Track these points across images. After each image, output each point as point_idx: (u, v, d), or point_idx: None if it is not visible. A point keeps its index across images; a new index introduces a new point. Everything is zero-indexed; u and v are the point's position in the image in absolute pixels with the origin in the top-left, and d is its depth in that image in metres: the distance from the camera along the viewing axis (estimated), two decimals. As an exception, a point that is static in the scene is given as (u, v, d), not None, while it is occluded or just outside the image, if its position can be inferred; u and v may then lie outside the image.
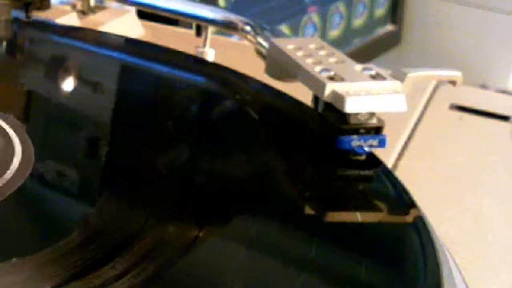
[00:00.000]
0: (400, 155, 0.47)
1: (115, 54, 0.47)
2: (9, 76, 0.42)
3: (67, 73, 0.44)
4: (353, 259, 0.30)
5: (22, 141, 0.34)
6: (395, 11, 1.45)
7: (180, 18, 0.50)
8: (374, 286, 0.29)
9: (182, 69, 0.45)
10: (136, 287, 0.26)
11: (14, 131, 0.34)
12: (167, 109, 0.41)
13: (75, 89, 0.42)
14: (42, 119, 0.39)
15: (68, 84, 0.42)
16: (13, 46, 0.47)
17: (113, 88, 0.43)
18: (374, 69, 0.37)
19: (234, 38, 0.59)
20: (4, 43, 0.47)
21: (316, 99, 0.37)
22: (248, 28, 0.46)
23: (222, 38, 0.59)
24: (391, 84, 0.36)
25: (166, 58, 0.45)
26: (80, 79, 0.43)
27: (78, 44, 0.47)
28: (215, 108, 0.41)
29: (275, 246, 0.30)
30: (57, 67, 0.44)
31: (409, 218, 0.33)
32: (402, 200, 0.33)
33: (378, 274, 0.29)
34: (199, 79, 0.46)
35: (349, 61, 0.38)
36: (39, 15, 0.51)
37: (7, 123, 0.35)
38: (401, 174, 0.36)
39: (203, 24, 0.49)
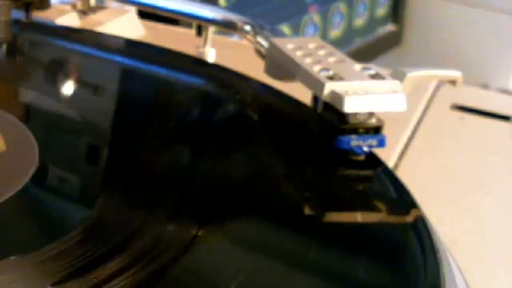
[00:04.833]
0: (401, 155, 0.47)
1: (115, 56, 0.47)
2: (10, 76, 0.42)
3: (67, 74, 0.44)
4: (353, 259, 0.30)
5: (24, 141, 0.34)
6: (396, 11, 1.45)
7: (181, 18, 0.50)
8: (375, 286, 0.29)
9: (182, 70, 0.45)
10: (135, 286, 0.26)
11: (15, 131, 0.34)
12: (167, 109, 0.41)
13: (75, 90, 0.42)
14: (42, 120, 0.39)
15: (69, 85, 0.42)
16: (12, 47, 0.47)
17: (113, 90, 0.43)
18: (373, 68, 0.37)
19: (234, 38, 0.58)
20: (4, 44, 0.47)
21: (315, 99, 0.37)
22: (248, 28, 0.46)
23: (222, 38, 0.59)
24: (391, 83, 0.36)
25: (166, 59, 0.45)
26: (80, 80, 0.43)
27: (78, 46, 0.47)
28: (214, 109, 0.41)
29: (275, 246, 0.30)
30: (57, 69, 0.44)
31: (409, 218, 0.33)
32: (403, 200, 0.33)
33: (379, 274, 0.29)
34: (198, 80, 0.46)
35: (348, 60, 0.38)
36: (39, 15, 0.50)
37: (8, 123, 0.35)
38: (402, 174, 0.36)
39: (203, 24, 0.49)
